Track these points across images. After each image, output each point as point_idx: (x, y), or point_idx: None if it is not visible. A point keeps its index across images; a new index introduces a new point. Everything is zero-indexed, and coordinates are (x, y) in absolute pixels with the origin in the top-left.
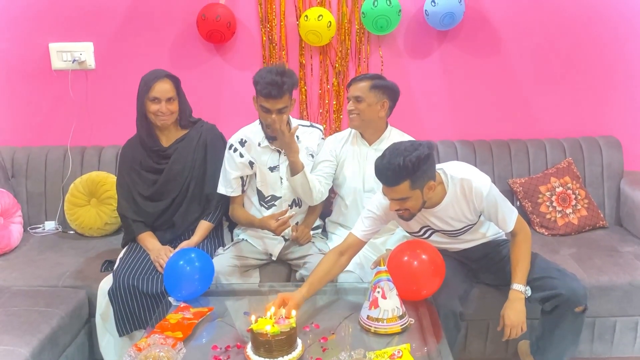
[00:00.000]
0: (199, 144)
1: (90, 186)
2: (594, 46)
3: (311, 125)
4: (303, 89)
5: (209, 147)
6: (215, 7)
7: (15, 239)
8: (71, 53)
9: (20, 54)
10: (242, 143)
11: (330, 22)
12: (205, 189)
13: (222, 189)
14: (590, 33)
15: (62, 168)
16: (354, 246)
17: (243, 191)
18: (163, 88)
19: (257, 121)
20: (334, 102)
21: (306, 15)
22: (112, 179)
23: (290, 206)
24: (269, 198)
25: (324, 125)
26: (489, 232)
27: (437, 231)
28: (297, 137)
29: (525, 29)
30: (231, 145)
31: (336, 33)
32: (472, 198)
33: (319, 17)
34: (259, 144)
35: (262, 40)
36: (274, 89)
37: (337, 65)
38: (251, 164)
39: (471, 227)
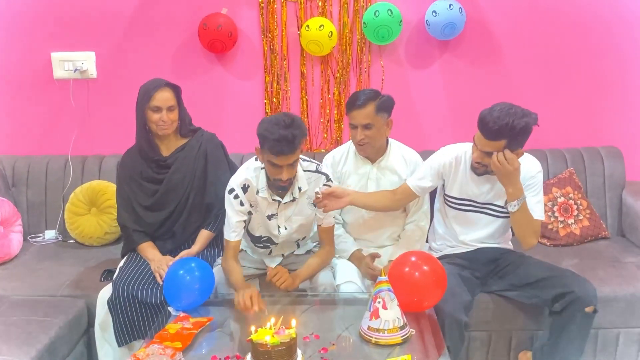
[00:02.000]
0: (199, 153)
1: (90, 195)
2: (595, 56)
3: (317, 171)
4: (304, 99)
5: (209, 156)
6: (216, 17)
7: (15, 248)
8: (73, 62)
9: (22, 63)
10: (245, 189)
11: (331, 32)
12: (206, 198)
13: (227, 235)
14: (591, 43)
15: (62, 177)
16: (405, 194)
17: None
18: (164, 97)
19: (260, 164)
20: (335, 112)
21: (307, 25)
22: (113, 188)
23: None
24: (265, 239)
25: (326, 135)
26: (504, 237)
27: (478, 207)
28: (300, 188)
29: (526, 39)
30: (232, 190)
31: (337, 43)
32: (526, 171)
33: (320, 27)
34: (258, 192)
35: (263, 49)
36: (286, 145)
37: (338, 75)
38: (249, 213)
39: (505, 217)
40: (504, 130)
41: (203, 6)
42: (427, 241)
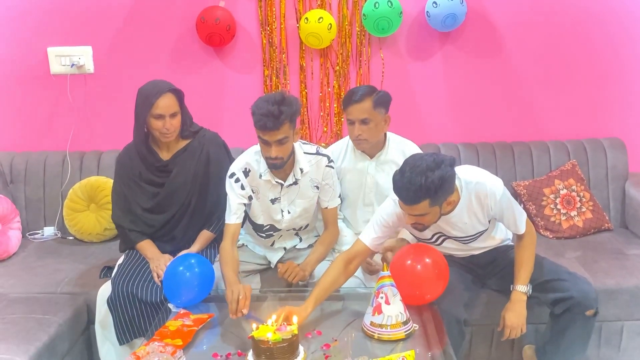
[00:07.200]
0: (201, 155)
1: (89, 191)
2: (598, 47)
3: (317, 153)
4: (304, 92)
5: (212, 158)
6: (214, 10)
7: (13, 245)
8: (70, 57)
9: (18, 58)
10: (246, 173)
11: (330, 24)
12: (208, 201)
13: (227, 219)
14: (594, 34)
15: (61, 173)
16: (362, 254)
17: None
18: (167, 104)
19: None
20: (335, 105)
21: (306, 18)
22: (112, 184)
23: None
24: (268, 227)
25: (325, 129)
26: (498, 236)
27: (450, 238)
28: (302, 170)
29: (528, 30)
30: (233, 174)
31: (337, 35)
32: (486, 201)
33: (319, 19)
34: (260, 176)
35: (262, 43)
36: (270, 120)
37: (337, 67)
38: (250, 198)
39: (483, 233)
40: (419, 192)
41: None
42: None
